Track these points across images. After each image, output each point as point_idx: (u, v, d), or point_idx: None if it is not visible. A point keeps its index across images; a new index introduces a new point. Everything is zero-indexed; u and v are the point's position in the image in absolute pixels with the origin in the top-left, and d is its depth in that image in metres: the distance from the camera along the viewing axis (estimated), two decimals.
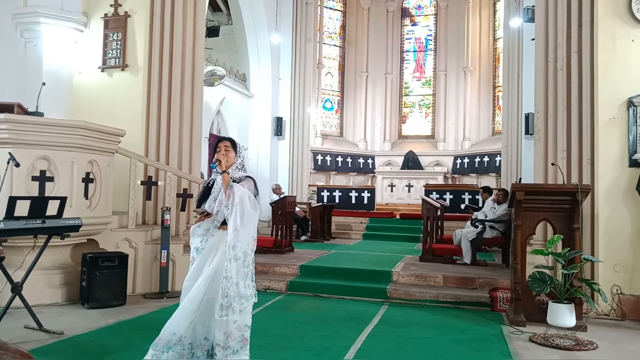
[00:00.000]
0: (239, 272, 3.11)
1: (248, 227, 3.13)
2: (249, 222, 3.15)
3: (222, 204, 3.20)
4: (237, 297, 3.08)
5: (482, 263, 7.58)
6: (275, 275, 6.75)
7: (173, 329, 3.16)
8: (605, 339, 4.55)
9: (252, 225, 3.18)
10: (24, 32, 6.79)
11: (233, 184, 3.17)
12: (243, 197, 3.13)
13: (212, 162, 3.29)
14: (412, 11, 18.51)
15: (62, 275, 5.48)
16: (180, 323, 3.16)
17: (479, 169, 15.84)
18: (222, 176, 3.20)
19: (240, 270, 3.11)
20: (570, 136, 5.79)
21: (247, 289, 3.18)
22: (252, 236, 3.16)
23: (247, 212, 3.14)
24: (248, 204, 3.14)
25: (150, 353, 3.14)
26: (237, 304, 3.08)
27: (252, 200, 3.19)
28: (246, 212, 3.13)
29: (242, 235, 3.11)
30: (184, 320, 3.16)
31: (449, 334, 4.64)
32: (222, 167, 3.21)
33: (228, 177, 3.21)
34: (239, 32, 13.66)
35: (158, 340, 3.16)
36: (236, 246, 3.10)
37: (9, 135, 4.88)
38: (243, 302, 3.11)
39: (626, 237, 5.41)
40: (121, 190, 6.10)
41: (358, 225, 12.37)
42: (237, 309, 3.08)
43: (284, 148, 14.07)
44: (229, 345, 3.11)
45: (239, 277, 3.11)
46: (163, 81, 6.77)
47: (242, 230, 3.10)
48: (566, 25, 5.91)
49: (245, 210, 3.13)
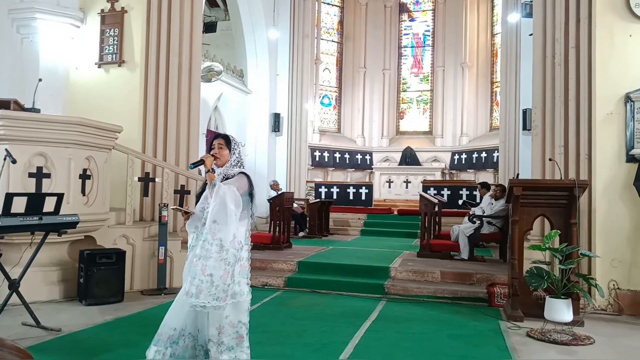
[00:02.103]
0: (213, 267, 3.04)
1: (229, 225, 3.10)
2: (230, 219, 3.11)
3: (207, 201, 3.21)
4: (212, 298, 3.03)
5: (479, 259, 7.60)
6: (273, 272, 6.75)
7: (173, 324, 3.15)
8: (602, 333, 4.57)
9: (233, 223, 3.13)
10: (20, 28, 6.76)
11: (218, 183, 3.15)
12: (224, 196, 3.11)
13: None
14: (409, 7, 18.46)
15: (60, 272, 5.47)
16: (179, 316, 3.16)
17: (476, 164, 15.86)
18: (207, 175, 3.21)
19: (216, 266, 3.05)
20: (568, 132, 5.79)
21: (242, 286, 3.17)
22: (233, 233, 3.11)
23: (229, 210, 3.10)
24: (229, 202, 3.11)
25: (153, 350, 3.12)
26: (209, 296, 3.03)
27: (236, 196, 3.16)
28: (228, 210, 3.10)
29: (221, 232, 3.07)
30: (182, 313, 3.15)
31: (446, 329, 4.65)
32: (206, 167, 3.22)
33: (213, 175, 3.22)
34: (236, 28, 13.61)
35: (158, 336, 3.15)
36: (214, 242, 3.06)
37: (5, 131, 4.86)
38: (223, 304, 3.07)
39: (623, 232, 5.43)
40: (118, 186, 6.08)
41: (356, 222, 12.39)
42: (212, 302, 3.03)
43: (281, 144, 14.06)
44: (222, 341, 3.10)
45: (221, 279, 3.05)
46: (160, 77, 6.75)
47: (217, 228, 3.07)
48: (564, 20, 5.90)
49: (226, 208, 3.09)
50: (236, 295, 3.12)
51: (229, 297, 3.07)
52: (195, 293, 3.01)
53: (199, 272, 3.03)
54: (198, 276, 3.03)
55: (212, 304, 3.01)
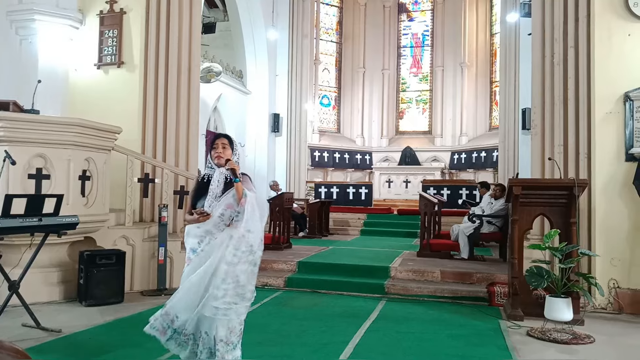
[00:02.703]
0: (241, 271, 3.08)
1: (259, 231, 3.15)
2: (260, 227, 3.16)
3: (231, 208, 3.15)
4: (239, 298, 3.06)
5: (479, 258, 7.60)
6: (273, 272, 6.74)
7: (179, 312, 3.09)
8: (602, 332, 4.57)
9: (262, 228, 3.20)
10: (19, 29, 6.76)
11: (248, 193, 3.13)
12: (254, 205, 3.13)
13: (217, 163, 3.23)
14: (408, 6, 18.47)
15: (60, 273, 5.47)
16: (189, 306, 3.07)
17: (476, 164, 15.87)
18: (236, 186, 3.13)
19: (244, 270, 3.08)
20: (567, 131, 5.79)
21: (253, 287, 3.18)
22: (260, 238, 3.17)
23: (260, 218, 3.15)
24: (258, 210, 3.15)
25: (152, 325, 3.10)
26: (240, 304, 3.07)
27: (261, 202, 3.22)
28: (260, 218, 3.15)
29: (252, 239, 3.11)
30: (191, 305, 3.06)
31: (446, 329, 4.65)
32: (235, 175, 3.14)
33: (241, 187, 3.13)
34: (235, 29, 13.62)
35: (166, 314, 3.10)
36: (246, 249, 3.08)
37: (4, 133, 4.86)
38: (246, 303, 3.10)
39: (623, 231, 5.43)
40: (118, 187, 6.08)
41: (356, 221, 12.38)
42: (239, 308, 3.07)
43: (281, 144, 14.06)
44: (231, 341, 3.08)
45: (247, 279, 3.09)
46: (159, 78, 6.75)
47: (251, 237, 3.10)
48: (563, 20, 5.90)
49: (257, 217, 3.14)
50: (248, 297, 3.14)
51: (247, 300, 3.10)
52: (222, 296, 3.01)
53: (229, 278, 3.03)
54: (227, 281, 3.03)
55: (241, 303, 3.04)
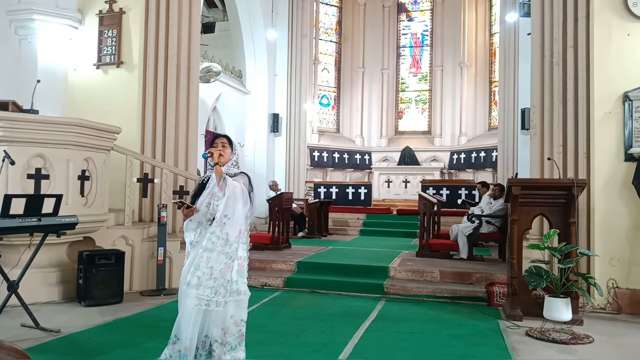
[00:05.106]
0: (214, 260, 3.07)
1: (237, 220, 3.12)
2: (238, 215, 3.13)
3: (215, 196, 3.20)
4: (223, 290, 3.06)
5: (478, 258, 7.60)
6: (272, 272, 6.74)
7: (190, 335, 3.08)
8: (602, 332, 4.58)
9: (242, 219, 3.16)
10: (18, 29, 6.75)
11: (226, 177, 3.16)
12: (235, 190, 3.13)
13: (204, 152, 3.26)
14: (408, 6, 18.48)
15: (59, 273, 5.47)
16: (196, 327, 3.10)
17: (475, 164, 15.87)
18: (215, 168, 3.18)
19: (218, 259, 3.06)
20: (566, 131, 5.80)
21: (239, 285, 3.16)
22: (239, 229, 3.15)
23: (238, 205, 3.13)
24: (239, 197, 3.14)
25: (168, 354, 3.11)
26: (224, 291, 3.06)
27: (245, 194, 3.18)
28: (238, 204, 3.12)
29: (229, 227, 3.10)
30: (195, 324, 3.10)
31: (446, 329, 4.65)
32: (214, 160, 3.19)
33: (221, 169, 3.18)
34: (235, 29, 13.61)
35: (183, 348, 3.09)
36: (221, 235, 3.08)
37: (3, 133, 4.86)
38: (232, 297, 3.09)
39: (622, 231, 5.43)
40: (117, 187, 6.08)
41: (355, 221, 12.38)
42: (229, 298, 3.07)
43: (280, 144, 14.05)
44: (227, 341, 3.10)
45: (223, 272, 3.08)
46: (158, 78, 6.74)
47: (227, 222, 3.09)
48: (562, 19, 5.91)
49: (237, 203, 3.12)
50: (240, 293, 3.13)
51: (228, 293, 3.08)
52: (196, 284, 3.05)
53: (202, 264, 3.08)
54: (201, 268, 3.07)
55: (214, 298, 3.03)
